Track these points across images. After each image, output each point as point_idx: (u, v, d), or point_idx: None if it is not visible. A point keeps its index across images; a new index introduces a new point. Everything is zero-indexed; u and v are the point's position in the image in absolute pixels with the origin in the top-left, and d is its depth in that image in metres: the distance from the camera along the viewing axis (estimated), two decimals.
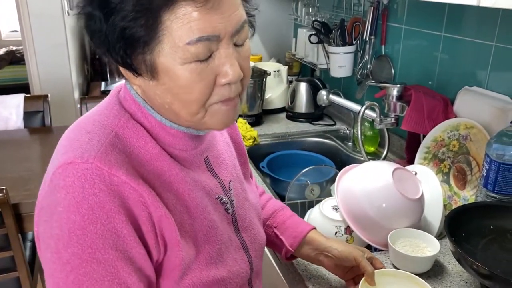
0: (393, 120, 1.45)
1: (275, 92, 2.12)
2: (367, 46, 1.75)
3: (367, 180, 1.08)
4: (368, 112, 1.48)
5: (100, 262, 0.59)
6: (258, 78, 1.93)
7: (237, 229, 0.80)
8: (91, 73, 4.15)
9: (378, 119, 1.45)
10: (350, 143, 1.84)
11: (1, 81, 4.97)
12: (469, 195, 1.18)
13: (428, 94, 1.33)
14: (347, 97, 1.77)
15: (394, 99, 1.41)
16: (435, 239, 1.01)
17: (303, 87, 2.00)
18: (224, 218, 0.77)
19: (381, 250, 1.07)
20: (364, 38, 1.75)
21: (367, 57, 1.77)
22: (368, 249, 0.98)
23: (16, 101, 2.27)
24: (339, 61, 1.83)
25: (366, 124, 1.70)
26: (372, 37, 1.72)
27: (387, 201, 1.04)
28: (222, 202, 0.77)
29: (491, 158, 0.99)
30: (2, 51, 5.19)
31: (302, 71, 2.39)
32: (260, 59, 2.44)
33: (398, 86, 1.40)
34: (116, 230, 0.60)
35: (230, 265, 0.75)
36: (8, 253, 1.57)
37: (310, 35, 1.94)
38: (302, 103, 2.01)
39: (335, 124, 1.99)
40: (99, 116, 0.68)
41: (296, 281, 1.02)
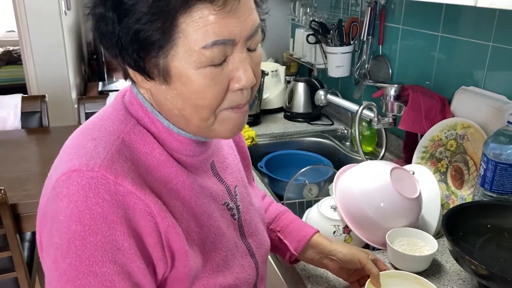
0: (390, 120, 1.45)
1: (273, 92, 2.12)
2: (365, 46, 1.76)
3: (365, 179, 1.08)
4: (365, 112, 1.49)
5: (97, 275, 0.57)
6: None
7: (243, 235, 0.78)
8: (89, 73, 4.14)
9: (376, 119, 1.46)
10: (348, 143, 1.84)
11: None
12: (466, 194, 1.18)
13: (425, 94, 1.33)
14: (345, 97, 1.77)
15: (392, 99, 1.41)
16: (433, 238, 1.02)
17: (301, 87, 2.00)
18: (230, 224, 0.75)
19: (379, 249, 1.08)
20: (361, 38, 1.76)
21: (365, 57, 1.77)
22: (366, 248, 0.98)
23: (13, 101, 2.26)
24: (337, 61, 1.83)
25: (364, 124, 1.70)
26: (369, 37, 1.72)
27: (385, 200, 1.04)
28: (228, 208, 0.76)
29: (488, 158, 0.99)
30: None
31: (300, 71, 2.39)
32: None
33: (396, 86, 1.40)
34: (116, 242, 0.58)
35: (237, 271, 0.73)
36: (6, 253, 1.57)
37: (308, 35, 1.95)
38: (300, 103, 2.01)
39: (333, 124, 1.99)
40: (105, 121, 0.66)
41: (295, 280, 1.02)
